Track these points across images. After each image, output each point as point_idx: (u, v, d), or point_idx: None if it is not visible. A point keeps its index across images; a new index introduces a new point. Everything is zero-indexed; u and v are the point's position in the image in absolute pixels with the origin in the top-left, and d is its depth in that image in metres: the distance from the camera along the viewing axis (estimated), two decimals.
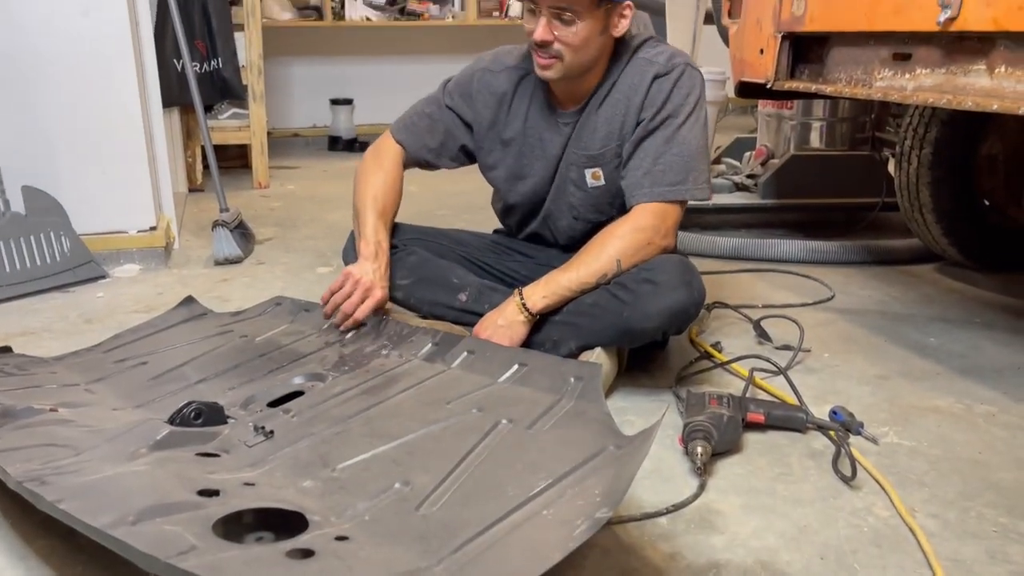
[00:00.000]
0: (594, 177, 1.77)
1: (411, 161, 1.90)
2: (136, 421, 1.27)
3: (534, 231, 1.94)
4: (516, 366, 1.40)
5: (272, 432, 1.25)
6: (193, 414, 1.27)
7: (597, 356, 1.61)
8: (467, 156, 1.91)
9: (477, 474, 1.07)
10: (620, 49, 1.73)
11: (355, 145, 4.93)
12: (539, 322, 1.67)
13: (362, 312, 1.67)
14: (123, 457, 1.13)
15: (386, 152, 1.89)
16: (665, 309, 1.56)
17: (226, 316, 1.94)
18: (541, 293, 1.64)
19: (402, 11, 4.92)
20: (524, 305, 1.63)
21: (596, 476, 1.00)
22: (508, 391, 1.34)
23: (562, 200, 1.84)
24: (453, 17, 4.98)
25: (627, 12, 1.65)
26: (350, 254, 1.86)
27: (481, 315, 1.79)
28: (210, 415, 1.29)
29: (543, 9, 1.59)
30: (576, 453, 1.06)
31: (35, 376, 1.57)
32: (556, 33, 1.60)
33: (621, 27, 1.66)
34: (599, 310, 1.61)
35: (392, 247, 1.82)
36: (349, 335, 1.68)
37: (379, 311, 1.72)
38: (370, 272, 1.71)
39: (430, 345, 1.56)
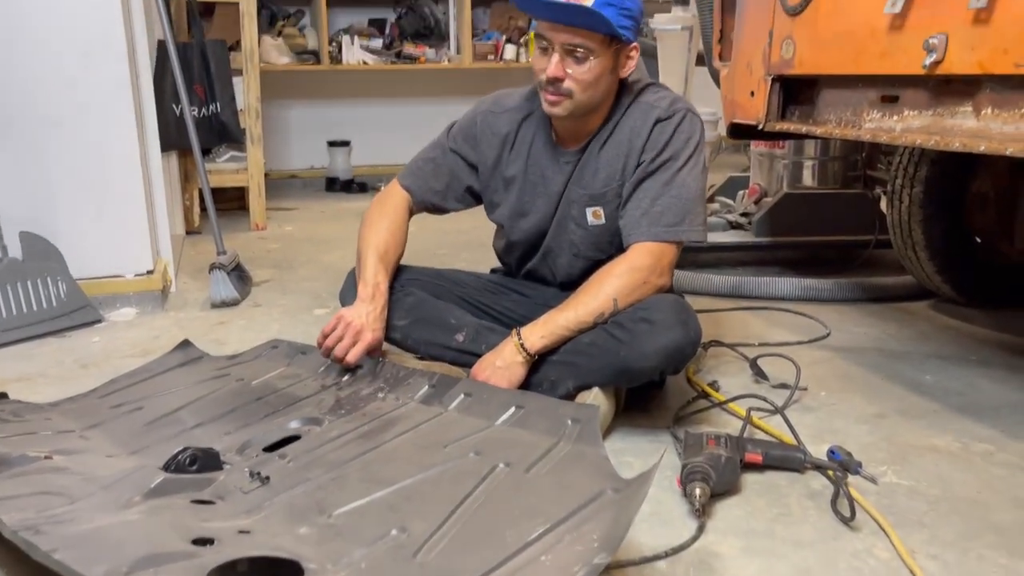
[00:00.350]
0: (595, 216, 1.79)
1: (418, 206, 1.92)
2: (130, 468, 1.26)
3: (533, 268, 1.95)
4: (513, 408, 1.40)
5: (268, 478, 1.24)
6: (188, 460, 1.26)
7: (595, 396, 1.61)
8: (473, 197, 1.93)
9: (474, 519, 1.06)
10: (623, 92, 1.76)
11: (352, 186, 4.97)
12: (537, 362, 1.67)
13: (353, 356, 1.67)
14: (117, 505, 1.12)
15: (392, 198, 1.91)
16: (662, 348, 1.56)
17: (222, 360, 1.94)
18: (539, 333, 1.65)
19: (398, 55, 4.99)
20: (522, 346, 1.64)
21: (594, 521, 1.00)
22: (505, 434, 1.34)
23: (563, 237, 1.85)
24: (449, 60, 5.05)
25: (634, 54, 1.68)
26: (348, 296, 1.87)
27: (479, 355, 1.79)
28: (206, 461, 1.28)
29: (556, 46, 1.62)
30: (574, 497, 1.06)
31: (30, 423, 1.57)
32: (568, 70, 1.63)
33: (628, 68, 1.69)
34: (596, 349, 1.61)
35: (390, 289, 1.83)
36: (345, 378, 1.68)
37: (375, 353, 1.72)
38: (363, 315, 1.71)
39: (427, 387, 1.56)
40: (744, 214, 3.18)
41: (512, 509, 1.07)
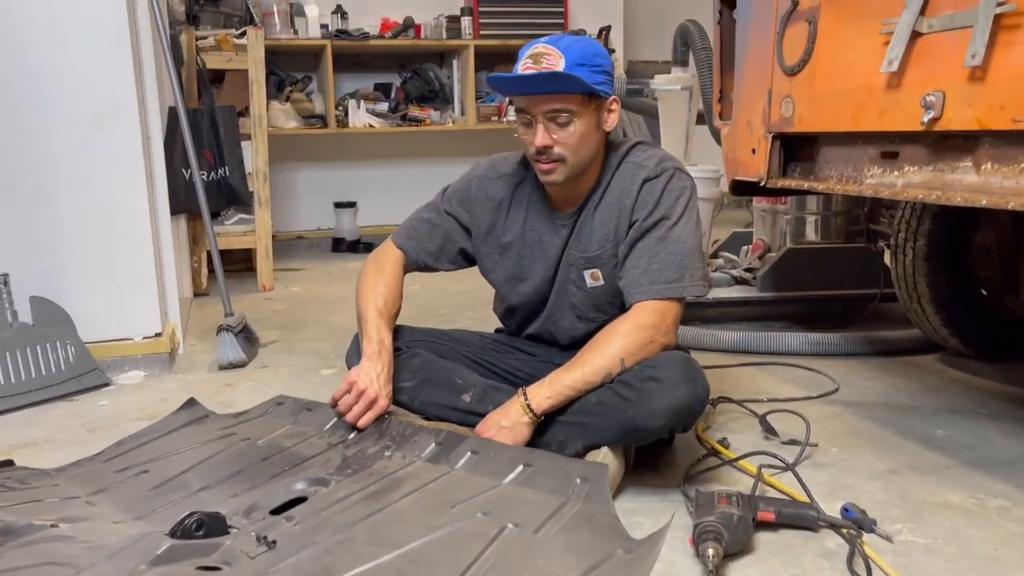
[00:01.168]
0: (593, 278, 1.81)
1: (412, 265, 1.95)
2: (136, 535, 1.25)
3: (536, 332, 1.96)
4: (521, 467, 1.39)
5: (275, 542, 1.23)
6: (195, 525, 1.25)
7: (604, 455, 1.59)
8: (465, 259, 1.96)
9: None
10: (610, 152, 1.79)
11: (359, 246, 5.01)
12: (544, 422, 1.66)
13: (365, 422, 1.69)
14: (123, 574, 1.11)
15: (387, 258, 1.93)
16: (670, 406, 1.56)
17: (228, 418, 1.94)
18: (545, 394, 1.64)
19: (404, 117, 5.08)
20: (528, 406, 1.63)
21: None
22: (513, 493, 1.32)
23: (563, 300, 1.86)
24: (453, 122, 5.14)
25: (614, 106, 1.71)
26: (353, 358, 1.87)
27: (485, 415, 1.79)
28: (212, 525, 1.27)
29: (539, 116, 1.65)
30: (584, 559, 1.04)
31: (36, 490, 1.56)
32: (554, 136, 1.66)
33: (611, 121, 1.72)
34: (604, 408, 1.60)
35: (396, 349, 1.84)
36: (352, 436, 1.68)
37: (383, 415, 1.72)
38: (373, 378, 1.72)
39: (433, 445, 1.55)
40: (748, 269, 3.20)
41: (522, 573, 1.06)
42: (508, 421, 1.64)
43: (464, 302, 3.42)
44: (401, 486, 1.39)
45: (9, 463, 1.75)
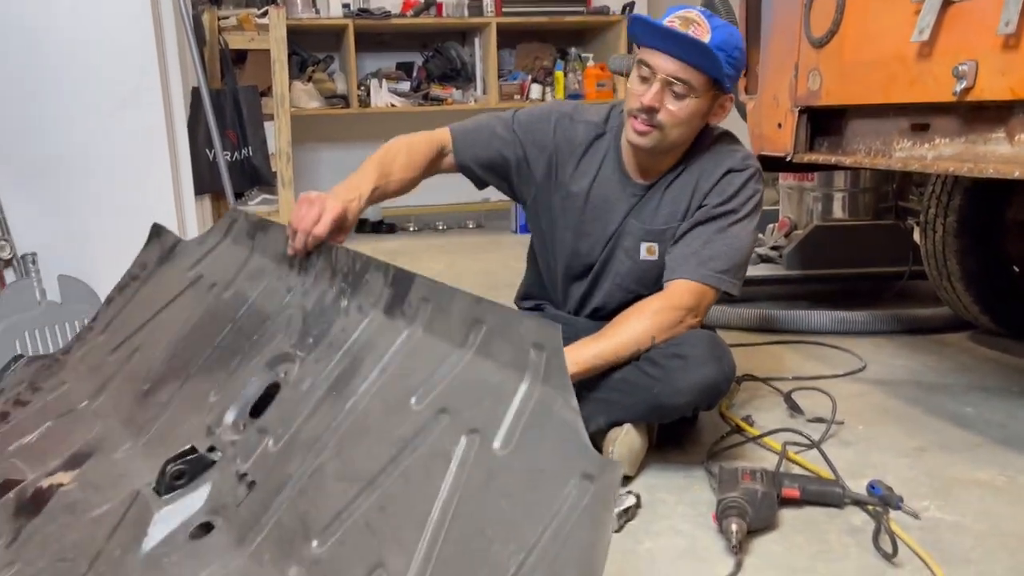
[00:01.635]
0: (649, 252, 1.76)
1: (456, 159, 1.81)
2: (128, 497, 1.30)
3: (569, 290, 1.89)
4: (474, 325, 1.34)
5: (254, 482, 1.26)
6: (176, 474, 1.28)
7: (627, 432, 1.59)
8: (509, 189, 1.86)
9: (450, 550, 1.05)
10: (702, 136, 1.73)
11: (382, 227, 5.02)
12: None
13: (321, 227, 1.54)
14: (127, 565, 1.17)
15: (431, 139, 1.79)
16: (696, 384, 1.54)
17: (194, 248, 1.96)
18: (571, 358, 1.55)
19: (426, 97, 5.06)
20: None
21: (567, 548, 0.97)
22: (471, 371, 1.29)
23: (610, 266, 1.81)
24: (475, 101, 5.11)
25: (727, 104, 1.67)
26: None
27: None
28: (194, 467, 1.30)
29: (659, 77, 1.59)
30: (545, 498, 1.03)
31: (46, 404, 1.67)
32: (666, 103, 1.61)
33: (718, 117, 1.68)
34: (629, 386, 1.59)
35: None
36: (310, 277, 1.61)
37: (342, 234, 1.63)
38: (328, 195, 1.60)
39: (386, 289, 1.50)
40: (774, 247, 3.16)
41: (485, 527, 1.06)
42: None
43: (487, 283, 3.41)
44: (363, 364, 1.38)
45: (19, 357, 1.89)
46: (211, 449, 1.36)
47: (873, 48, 1.74)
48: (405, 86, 5.07)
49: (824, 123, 2.01)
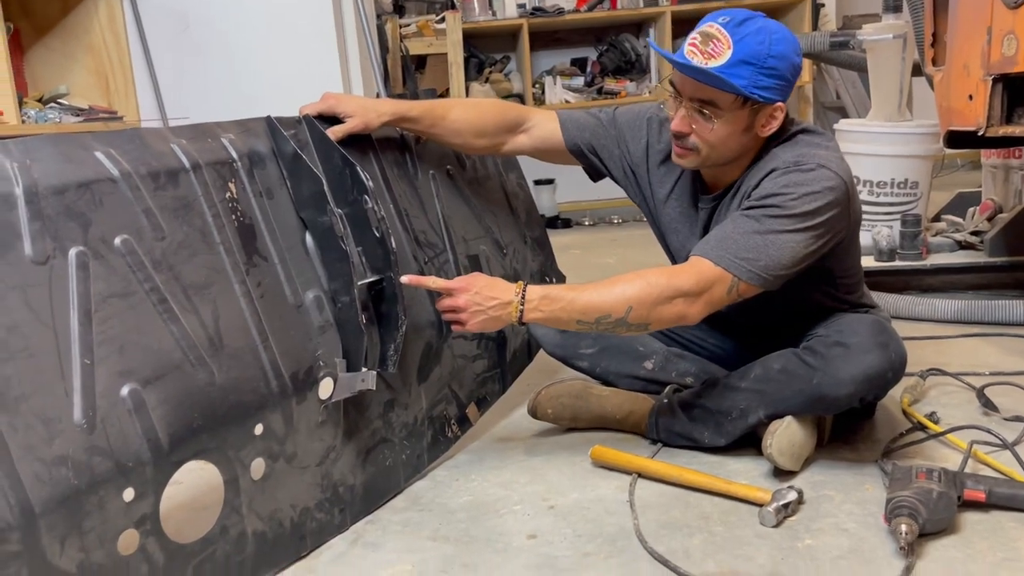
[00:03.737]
0: None
1: (524, 141, 1.80)
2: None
3: None
4: None
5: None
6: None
7: (787, 425, 1.52)
8: (596, 172, 1.83)
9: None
10: (771, 141, 1.57)
11: (557, 222, 5.07)
12: (724, 389, 1.61)
13: (335, 134, 1.55)
14: None
15: (504, 106, 1.82)
16: (859, 374, 1.45)
17: None
18: (540, 308, 1.46)
19: (599, 91, 5.06)
20: (521, 312, 1.46)
21: None
22: None
23: None
24: (650, 92, 5.05)
25: (778, 114, 1.51)
26: None
27: (667, 383, 1.76)
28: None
29: (684, 100, 1.52)
30: None
31: None
32: (694, 127, 1.51)
33: (770, 128, 1.52)
34: (787, 376, 1.52)
35: None
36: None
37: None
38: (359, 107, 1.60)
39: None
40: (975, 232, 2.89)
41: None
42: (493, 310, 1.47)
43: None
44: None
45: None
46: None
47: None
48: (579, 81, 5.10)
49: (1023, 92, 1.82)
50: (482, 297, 1.46)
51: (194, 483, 1.47)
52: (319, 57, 2.67)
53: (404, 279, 1.47)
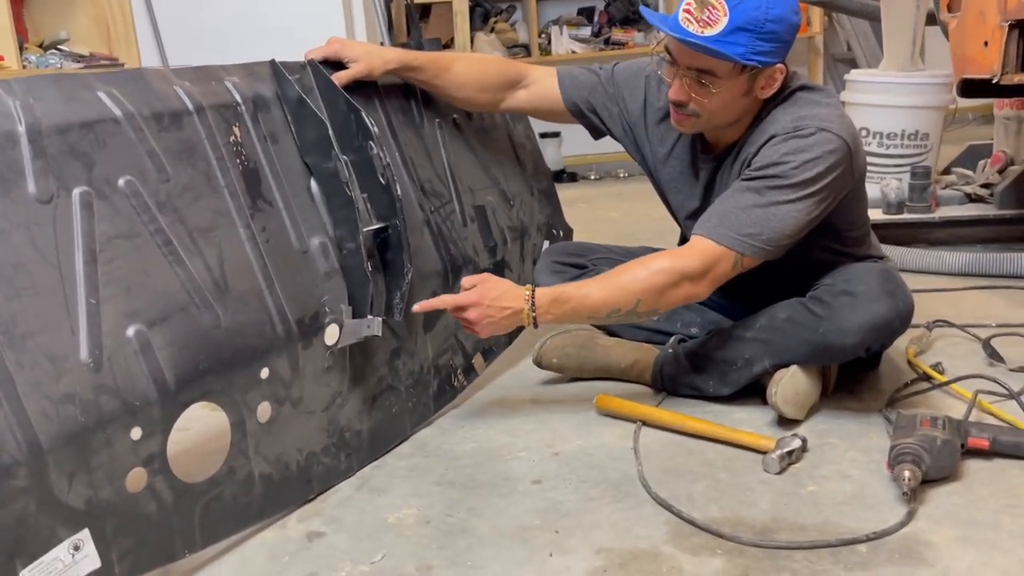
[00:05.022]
0: None
1: (524, 98, 1.78)
2: None
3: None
4: None
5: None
6: None
7: (792, 375, 1.52)
8: (595, 131, 1.80)
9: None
10: (771, 101, 1.53)
11: (563, 176, 5.04)
12: (729, 339, 1.61)
13: (340, 79, 1.54)
14: None
15: (505, 63, 1.81)
16: (866, 323, 1.44)
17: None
18: (552, 312, 1.48)
19: (607, 41, 4.99)
20: (534, 319, 1.47)
21: None
22: None
23: None
24: (658, 43, 4.97)
25: (778, 75, 1.48)
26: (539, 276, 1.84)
27: (672, 334, 1.76)
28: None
29: (681, 68, 1.48)
30: None
31: None
32: (693, 95, 1.48)
33: (770, 89, 1.50)
34: (793, 325, 1.52)
35: (580, 266, 1.82)
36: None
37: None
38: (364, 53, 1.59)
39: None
40: (985, 185, 2.86)
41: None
42: (505, 320, 1.47)
43: (661, 229, 3.34)
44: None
45: None
46: None
47: None
48: (586, 31, 5.03)
49: None
50: (493, 309, 1.47)
51: (201, 429, 1.48)
52: (322, 4, 2.63)
53: (415, 308, 1.48)
